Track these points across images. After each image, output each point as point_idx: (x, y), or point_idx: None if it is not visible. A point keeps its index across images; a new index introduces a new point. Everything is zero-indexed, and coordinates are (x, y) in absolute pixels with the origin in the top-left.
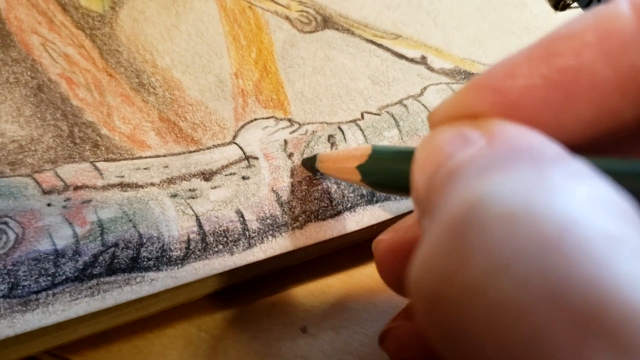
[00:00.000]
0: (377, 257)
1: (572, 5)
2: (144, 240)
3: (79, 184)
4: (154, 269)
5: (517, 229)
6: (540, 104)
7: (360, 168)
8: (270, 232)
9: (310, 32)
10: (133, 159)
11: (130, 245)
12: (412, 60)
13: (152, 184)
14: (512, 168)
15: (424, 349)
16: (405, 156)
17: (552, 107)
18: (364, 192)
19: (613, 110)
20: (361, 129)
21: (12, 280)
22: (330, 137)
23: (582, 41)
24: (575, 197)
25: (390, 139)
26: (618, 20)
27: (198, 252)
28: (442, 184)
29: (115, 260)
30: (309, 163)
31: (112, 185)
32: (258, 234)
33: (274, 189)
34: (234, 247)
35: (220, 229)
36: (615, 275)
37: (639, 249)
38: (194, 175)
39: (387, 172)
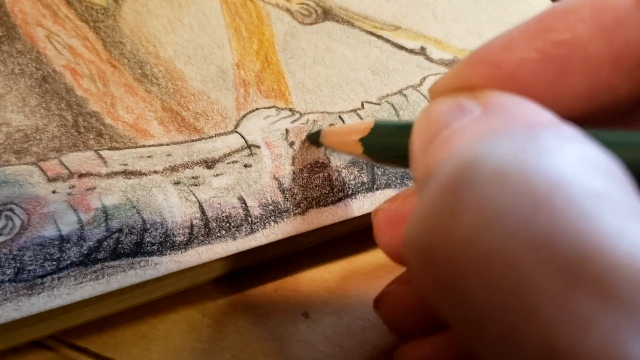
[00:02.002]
0: (375, 225)
1: None
2: (148, 226)
3: (84, 172)
4: (157, 253)
5: (508, 186)
6: (536, 77)
7: (362, 141)
8: (273, 217)
9: (311, 24)
10: (136, 147)
11: (134, 230)
12: (411, 51)
13: (155, 172)
14: (506, 132)
15: (418, 314)
16: (406, 129)
17: (547, 79)
18: (365, 179)
19: (607, 84)
20: (361, 118)
21: (18, 264)
22: (330, 126)
23: (577, 16)
24: (564, 156)
25: None
26: None
27: (201, 237)
28: (438, 150)
29: (120, 245)
30: (314, 137)
31: (116, 173)
32: (260, 219)
33: (276, 176)
34: (236, 232)
35: (222, 214)
36: (601, 229)
37: (624, 205)
38: (197, 163)
39: (389, 145)
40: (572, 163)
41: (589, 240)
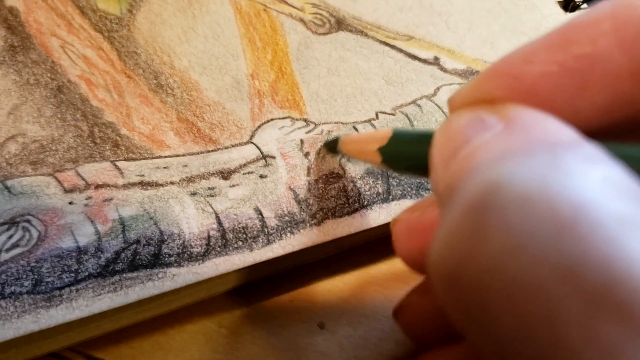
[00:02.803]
0: (395, 235)
1: (581, 7)
2: (165, 237)
3: (100, 183)
4: (175, 264)
5: (533, 211)
6: (556, 90)
7: (381, 150)
8: (289, 228)
9: (324, 33)
10: (153, 158)
11: (151, 242)
12: (425, 61)
13: (172, 183)
14: (529, 152)
15: (437, 324)
16: (425, 139)
17: (567, 93)
18: (380, 190)
19: (627, 97)
20: (376, 129)
21: (36, 276)
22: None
23: (599, 29)
24: (588, 180)
25: None
26: (634, 10)
27: (218, 249)
28: (460, 167)
29: (137, 257)
30: (331, 145)
31: (133, 184)
32: (277, 230)
33: (292, 187)
34: (253, 243)
35: (239, 225)
36: (627, 255)
37: None
38: (213, 174)
39: (407, 155)
40: (596, 187)
41: (614, 266)
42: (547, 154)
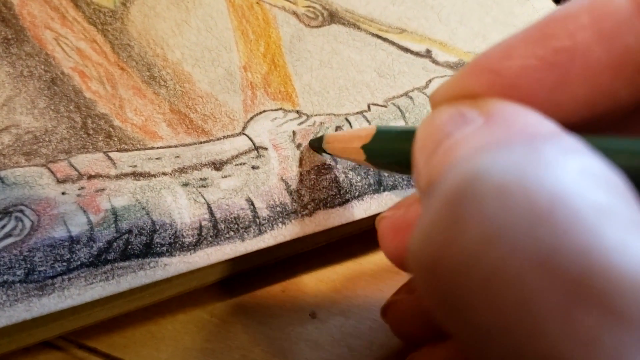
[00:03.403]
0: (380, 233)
1: None
2: (157, 227)
3: (93, 173)
4: (167, 254)
5: (510, 201)
6: (536, 84)
7: (364, 148)
8: (280, 219)
9: (317, 26)
10: (145, 149)
11: (143, 232)
12: (417, 54)
13: (164, 174)
14: (508, 144)
15: (424, 322)
16: (407, 136)
17: (548, 87)
18: (372, 180)
19: (607, 90)
20: (368, 121)
21: (29, 265)
22: (337, 128)
23: (577, 23)
24: (566, 170)
25: None
26: (612, 3)
27: (210, 239)
28: (440, 161)
29: (129, 246)
30: (316, 144)
31: (125, 175)
32: (268, 221)
33: (283, 178)
34: (244, 233)
35: (231, 216)
36: (604, 244)
37: (627, 219)
38: (205, 165)
39: (390, 152)
40: (574, 177)
41: (591, 255)
42: (526, 146)
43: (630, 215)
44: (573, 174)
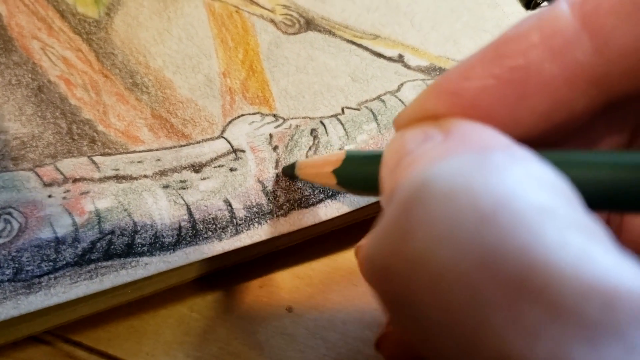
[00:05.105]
0: (359, 262)
1: (542, 5)
2: (138, 228)
3: (78, 177)
4: (147, 254)
5: (456, 204)
6: (495, 102)
7: (335, 172)
8: (257, 219)
9: (294, 33)
10: (127, 153)
11: (125, 232)
12: (390, 59)
13: (146, 176)
14: (459, 154)
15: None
16: (376, 159)
17: (507, 104)
18: None
19: (564, 103)
20: (342, 123)
21: (17, 265)
22: (312, 130)
23: (528, 42)
24: (511, 174)
25: (369, 132)
26: (559, 20)
27: (189, 239)
28: (399, 174)
29: (112, 247)
30: (289, 170)
31: (108, 178)
32: (245, 221)
33: (260, 179)
34: (222, 233)
35: (209, 217)
36: (544, 241)
37: (568, 218)
38: (185, 168)
39: (361, 175)
40: (518, 180)
41: (532, 252)
42: (476, 155)
43: (572, 214)
44: (517, 177)
